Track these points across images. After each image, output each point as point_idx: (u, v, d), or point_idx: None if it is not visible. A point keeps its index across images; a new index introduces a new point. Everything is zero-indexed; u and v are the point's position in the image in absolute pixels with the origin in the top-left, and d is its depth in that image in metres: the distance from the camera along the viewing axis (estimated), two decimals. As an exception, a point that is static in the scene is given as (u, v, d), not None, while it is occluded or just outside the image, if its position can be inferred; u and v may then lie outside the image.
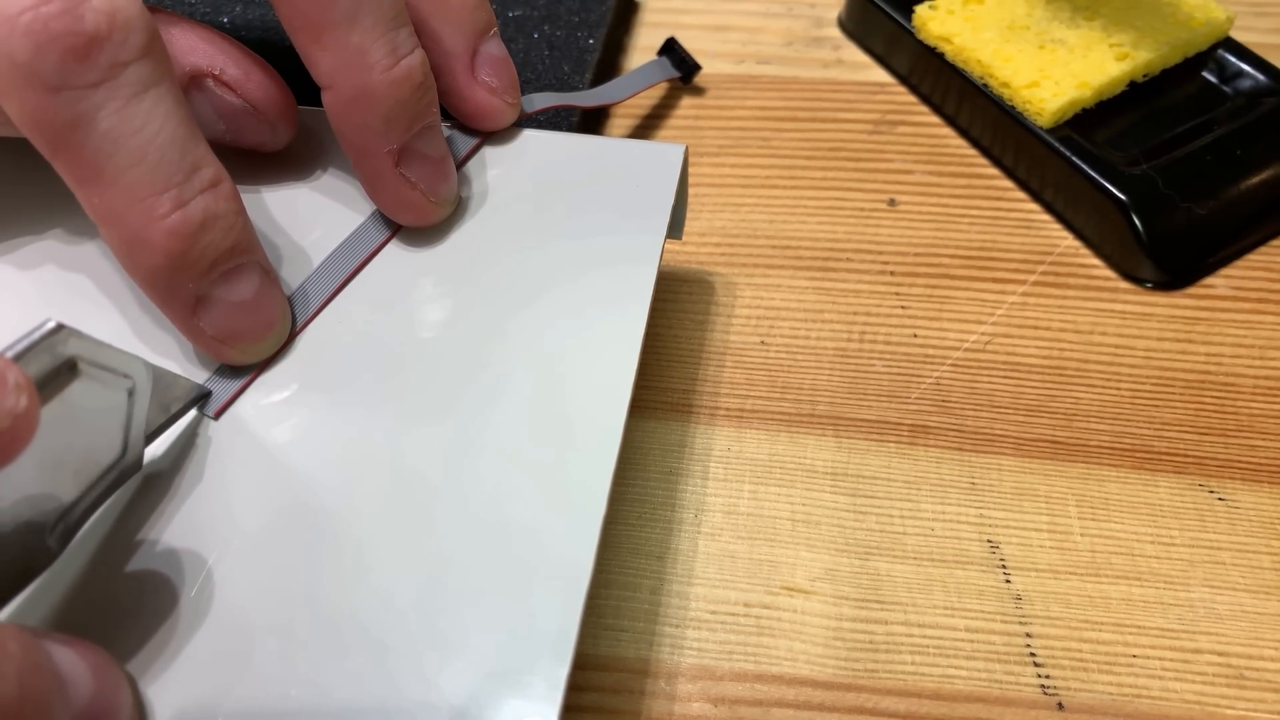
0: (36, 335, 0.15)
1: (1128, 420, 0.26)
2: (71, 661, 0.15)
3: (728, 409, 0.26)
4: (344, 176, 0.24)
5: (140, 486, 0.19)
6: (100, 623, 0.17)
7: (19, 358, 0.15)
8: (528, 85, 0.32)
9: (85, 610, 0.18)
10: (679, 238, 0.27)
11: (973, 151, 0.33)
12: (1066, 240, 0.30)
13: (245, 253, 0.20)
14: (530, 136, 0.25)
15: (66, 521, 0.17)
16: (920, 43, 0.34)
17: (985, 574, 0.23)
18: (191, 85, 0.22)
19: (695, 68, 0.34)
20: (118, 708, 0.16)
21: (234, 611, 0.18)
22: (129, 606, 0.18)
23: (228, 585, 0.18)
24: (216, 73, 0.22)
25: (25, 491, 0.16)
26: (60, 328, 0.15)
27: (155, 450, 0.19)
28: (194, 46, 0.22)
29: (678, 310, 0.29)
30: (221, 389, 0.20)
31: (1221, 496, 0.24)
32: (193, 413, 0.20)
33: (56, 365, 0.15)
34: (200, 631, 0.17)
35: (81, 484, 0.17)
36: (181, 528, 0.19)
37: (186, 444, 0.20)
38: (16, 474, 0.15)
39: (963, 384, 0.27)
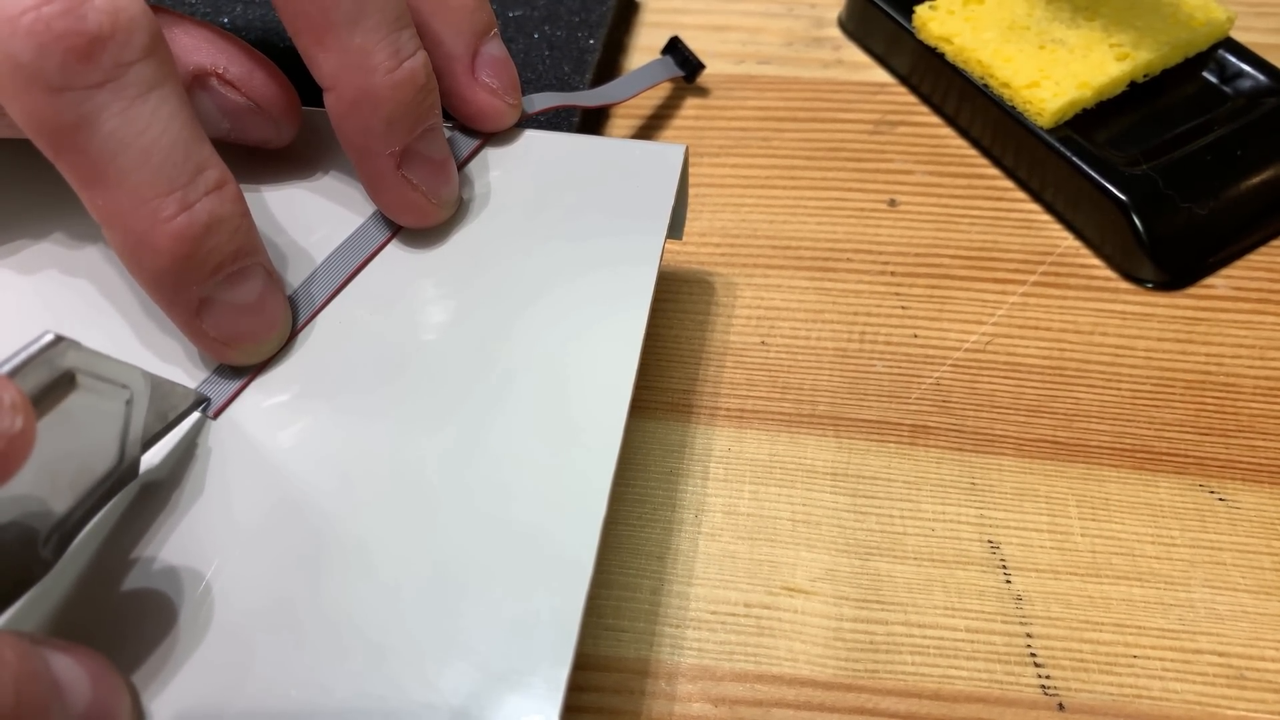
0: (34, 348, 0.15)
1: (1128, 420, 0.26)
2: (69, 667, 0.15)
3: (728, 409, 0.26)
4: (345, 177, 0.24)
5: (139, 490, 0.19)
6: (100, 628, 0.17)
7: (16, 371, 0.14)
8: (528, 85, 0.32)
9: (85, 616, 0.18)
10: (679, 238, 0.27)
11: (973, 152, 0.33)
12: (1067, 240, 0.30)
13: (249, 255, 0.20)
14: (531, 137, 0.25)
15: (61, 531, 0.17)
16: (920, 43, 0.34)
17: (985, 574, 0.23)
18: (195, 84, 0.22)
19: (699, 66, 0.34)
20: (116, 713, 0.16)
21: (234, 613, 0.18)
22: (131, 612, 0.18)
23: (228, 587, 0.18)
24: (220, 71, 0.22)
25: (19, 502, 0.16)
26: (59, 340, 0.15)
27: (153, 454, 0.19)
28: (197, 45, 0.22)
29: (678, 310, 0.29)
30: (220, 389, 0.20)
31: (1222, 497, 0.24)
32: (192, 417, 0.20)
33: (54, 378, 0.15)
34: (200, 634, 0.17)
35: (77, 493, 0.17)
36: (181, 532, 0.19)
37: (185, 447, 0.20)
38: (10, 484, 0.15)
39: (963, 384, 0.27)
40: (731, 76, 0.35)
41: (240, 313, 0.20)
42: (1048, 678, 0.22)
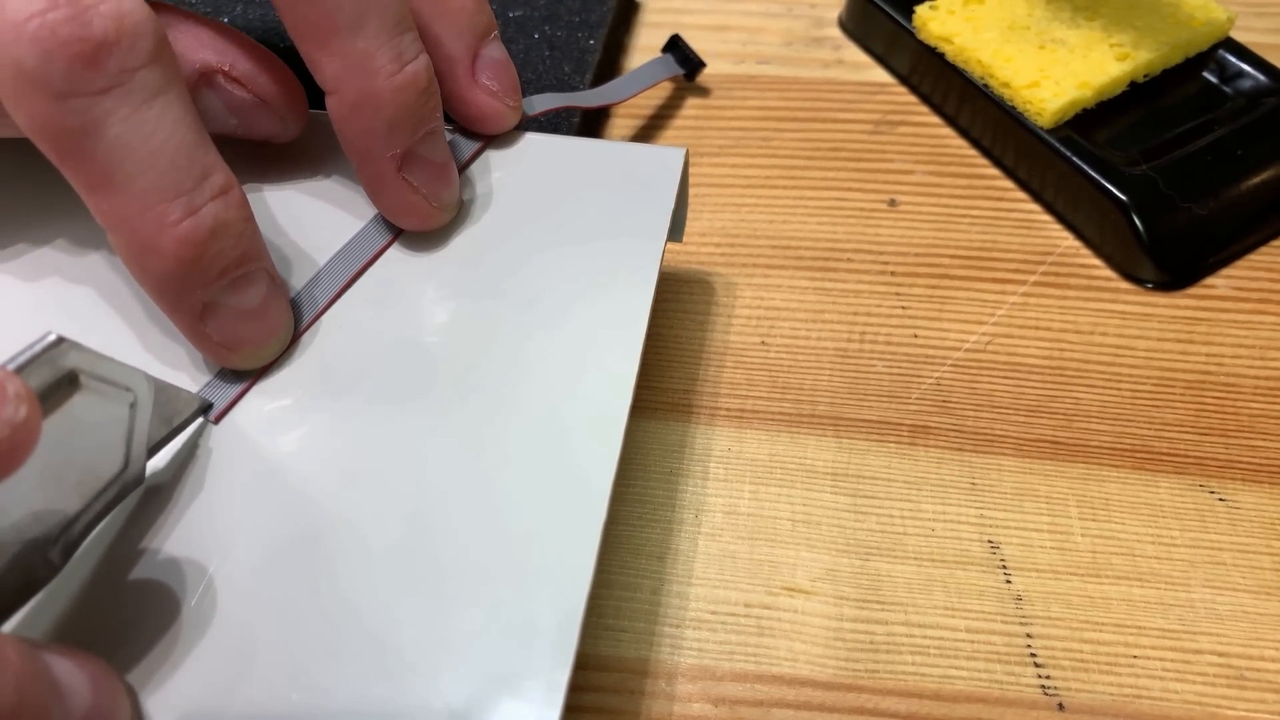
0: (37, 348, 0.15)
1: (1128, 420, 0.26)
2: (70, 671, 0.15)
3: (728, 409, 0.26)
4: (346, 180, 0.24)
5: (142, 495, 0.19)
6: (103, 633, 0.18)
7: (20, 370, 0.14)
8: (528, 86, 0.32)
9: (88, 621, 0.18)
10: (680, 240, 0.27)
11: (973, 151, 0.33)
12: (1067, 240, 0.30)
13: (253, 260, 0.20)
14: (532, 140, 0.25)
15: (69, 535, 0.17)
16: (920, 43, 0.34)
17: (986, 574, 0.23)
18: (202, 81, 0.22)
19: (699, 64, 0.34)
20: (115, 717, 0.16)
21: (236, 618, 0.18)
22: (132, 616, 0.18)
23: (229, 592, 0.18)
24: (226, 68, 0.22)
25: (27, 506, 0.16)
26: (61, 340, 0.15)
27: (156, 458, 0.19)
28: (203, 42, 0.22)
29: (678, 310, 0.29)
30: (223, 393, 0.20)
31: (1222, 497, 0.24)
32: (196, 422, 0.20)
33: (57, 378, 0.15)
34: (202, 638, 0.17)
35: (84, 497, 0.17)
36: (183, 536, 0.19)
37: (188, 452, 0.20)
38: (18, 488, 0.15)
39: (963, 384, 0.27)
40: (731, 76, 0.35)
41: (243, 317, 0.20)
42: (1048, 678, 0.22)
